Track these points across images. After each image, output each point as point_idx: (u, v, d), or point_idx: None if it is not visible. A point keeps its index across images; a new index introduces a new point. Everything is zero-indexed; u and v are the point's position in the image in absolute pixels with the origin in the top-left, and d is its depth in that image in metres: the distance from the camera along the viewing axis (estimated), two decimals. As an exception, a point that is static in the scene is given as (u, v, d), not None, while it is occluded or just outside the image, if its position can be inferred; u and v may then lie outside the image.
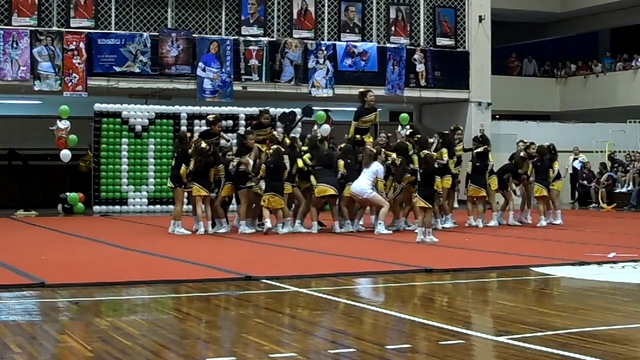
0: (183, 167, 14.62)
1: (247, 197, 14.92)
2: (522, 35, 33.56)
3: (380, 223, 14.66)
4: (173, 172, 15.20)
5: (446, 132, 16.36)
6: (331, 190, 14.70)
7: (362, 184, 14.58)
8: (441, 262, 10.55)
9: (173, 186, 15.11)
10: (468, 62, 25.46)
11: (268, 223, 14.46)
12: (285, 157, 14.67)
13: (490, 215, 16.44)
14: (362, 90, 16.44)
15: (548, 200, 16.64)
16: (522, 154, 16.69)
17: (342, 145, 15.76)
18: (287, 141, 15.34)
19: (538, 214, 16.60)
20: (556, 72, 32.54)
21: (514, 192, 17.01)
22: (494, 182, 16.29)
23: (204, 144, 14.58)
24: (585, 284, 9.03)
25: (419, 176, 13.61)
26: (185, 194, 15.40)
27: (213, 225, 14.96)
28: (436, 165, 13.47)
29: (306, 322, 6.92)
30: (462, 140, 17.10)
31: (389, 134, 16.44)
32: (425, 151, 14.20)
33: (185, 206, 15.36)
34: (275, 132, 16.09)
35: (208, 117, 16.33)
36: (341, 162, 14.97)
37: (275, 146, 14.74)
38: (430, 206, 13.14)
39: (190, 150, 14.73)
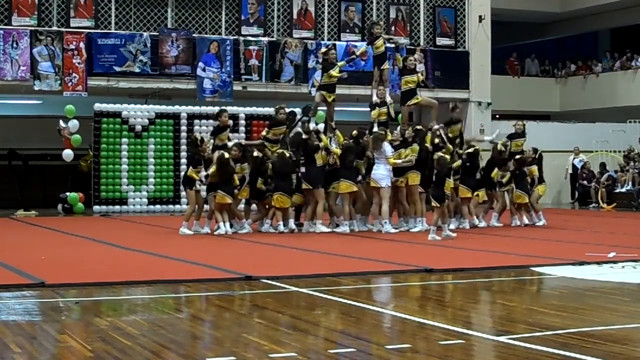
0: (190, 169, 14.82)
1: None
2: (522, 35, 33.56)
3: (386, 222, 14.68)
4: (184, 175, 15.51)
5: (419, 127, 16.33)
6: (354, 187, 14.84)
7: (383, 172, 14.69)
8: (441, 262, 10.54)
9: (184, 188, 15.41)
10: (468, 62, 25.46)
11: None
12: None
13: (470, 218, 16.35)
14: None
15: (527, 205, 16.49)
16: (499, 147, 16.44)
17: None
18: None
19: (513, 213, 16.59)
20: (556, 72, 32.53)
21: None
22: (482, 193, 16.14)
23: (226, 155, 14.50)
24: (585, 284, 9.02)
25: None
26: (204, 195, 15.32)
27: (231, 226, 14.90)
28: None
29: (306, 322, 6.91)
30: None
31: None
32: (440, 153, 14.28)
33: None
34: (298, 129, 16.09)
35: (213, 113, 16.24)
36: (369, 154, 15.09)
37: (280, 151, 14.88)
38: (440, 205, 13.60)
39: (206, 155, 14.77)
